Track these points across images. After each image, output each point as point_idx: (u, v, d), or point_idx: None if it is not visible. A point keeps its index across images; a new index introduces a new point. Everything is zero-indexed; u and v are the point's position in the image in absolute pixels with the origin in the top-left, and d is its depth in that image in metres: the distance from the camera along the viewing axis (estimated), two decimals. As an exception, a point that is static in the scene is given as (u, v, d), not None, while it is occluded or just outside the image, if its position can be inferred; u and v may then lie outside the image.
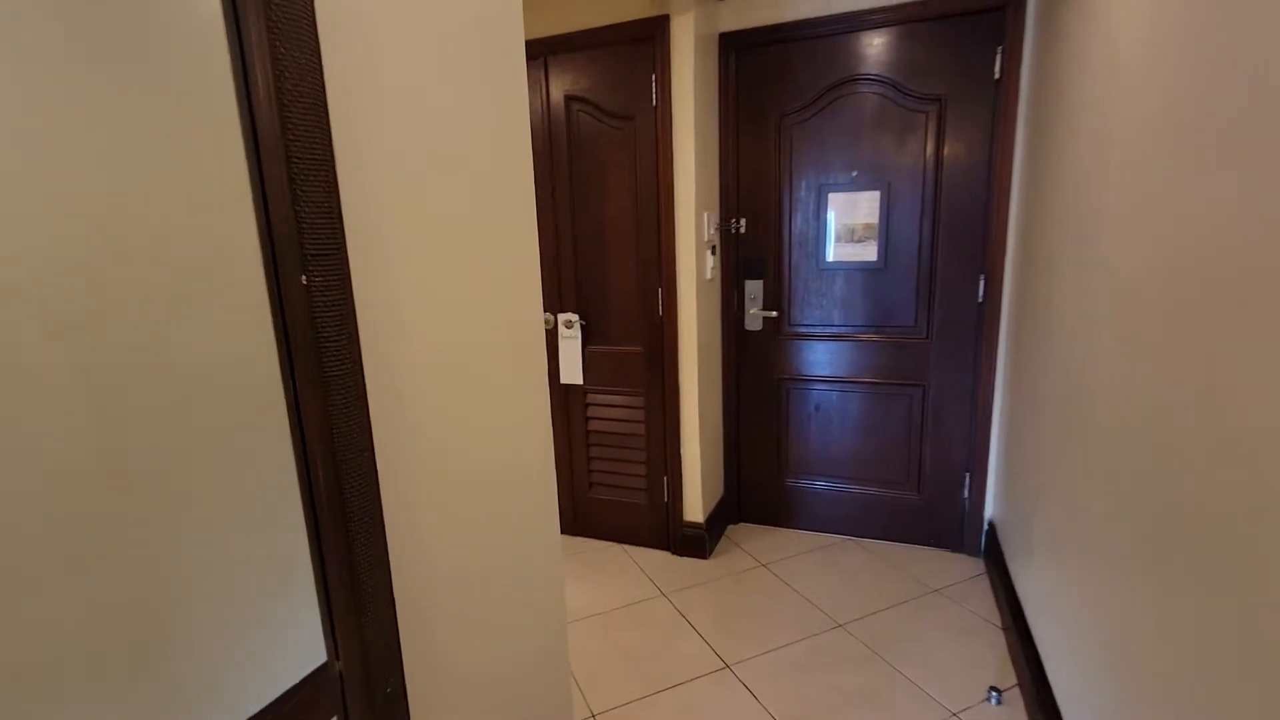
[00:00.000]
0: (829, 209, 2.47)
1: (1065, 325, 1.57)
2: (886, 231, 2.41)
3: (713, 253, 2.52)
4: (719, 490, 2.79)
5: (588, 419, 2.66)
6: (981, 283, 2.33)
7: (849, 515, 2.69)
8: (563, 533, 2.83)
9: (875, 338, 2.51)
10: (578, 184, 2.47)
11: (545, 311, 2.61)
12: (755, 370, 2.72)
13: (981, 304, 2.34)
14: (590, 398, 2.64)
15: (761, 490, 2.82)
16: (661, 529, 2.64)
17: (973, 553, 2.52)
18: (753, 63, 2.47)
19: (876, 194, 2.39)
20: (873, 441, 2.60)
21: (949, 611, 2.17)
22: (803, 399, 2.67)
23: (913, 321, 2.45)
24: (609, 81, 2.34)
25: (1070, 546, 1.46)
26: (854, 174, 2.41)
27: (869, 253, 2.45)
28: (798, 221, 2.53)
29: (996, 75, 2.17)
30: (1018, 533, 2.03)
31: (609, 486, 2.70)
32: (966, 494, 2.50)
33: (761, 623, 2.15)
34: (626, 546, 2.71)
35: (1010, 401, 2.21)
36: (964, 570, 2.43)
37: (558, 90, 2.41)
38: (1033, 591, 1.79)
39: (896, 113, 2.32)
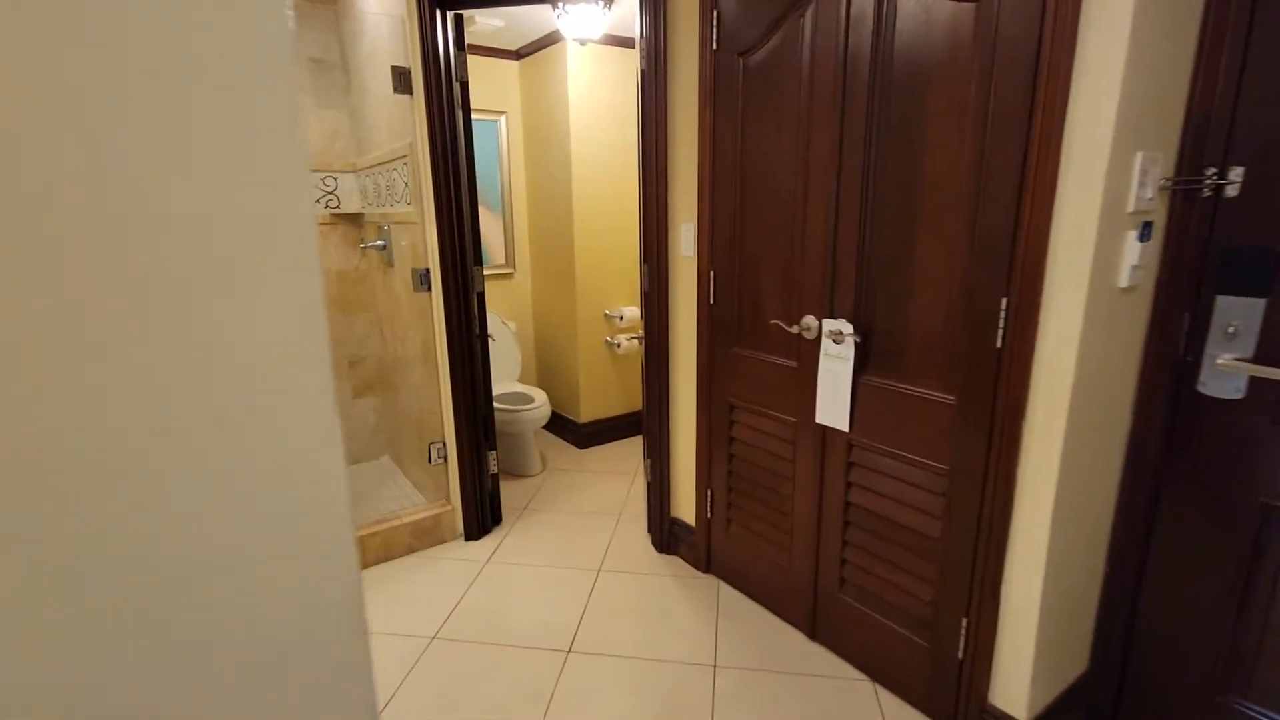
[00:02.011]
0: None
1: None
2: None
3: (1141, 237, 1.27)
4: (1076, 665, 1.56)
5: (849, 484, 1.72)
6: None
7: None
8: (797, 629, 1.98)
9: None
10: (880, 118, 1.49)
11: (808, 314, 1.74)
12: (1206, 473, 1.37)
13: None
14: (857, 455, 1.69)
15: (1175, 697, 1.47)
16: (947, 694, 1.58)
17: None
18: None
19: None
20: None
21: None
22: (1328, 561, 1.24)
23: None
24: (960, -86, 1.28)
25: None
26: None
27: None
28: (1406, 172, 1.09)
29: None
30: None
31: (870, 594, 1.74)
32: None
33: None
34: (881, 690, 1.73)
35: None
36: None
37: (868, -46, 1.46)
38: None
39: None
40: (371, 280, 3.07)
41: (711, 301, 2.05)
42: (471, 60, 3.27)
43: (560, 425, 3.68)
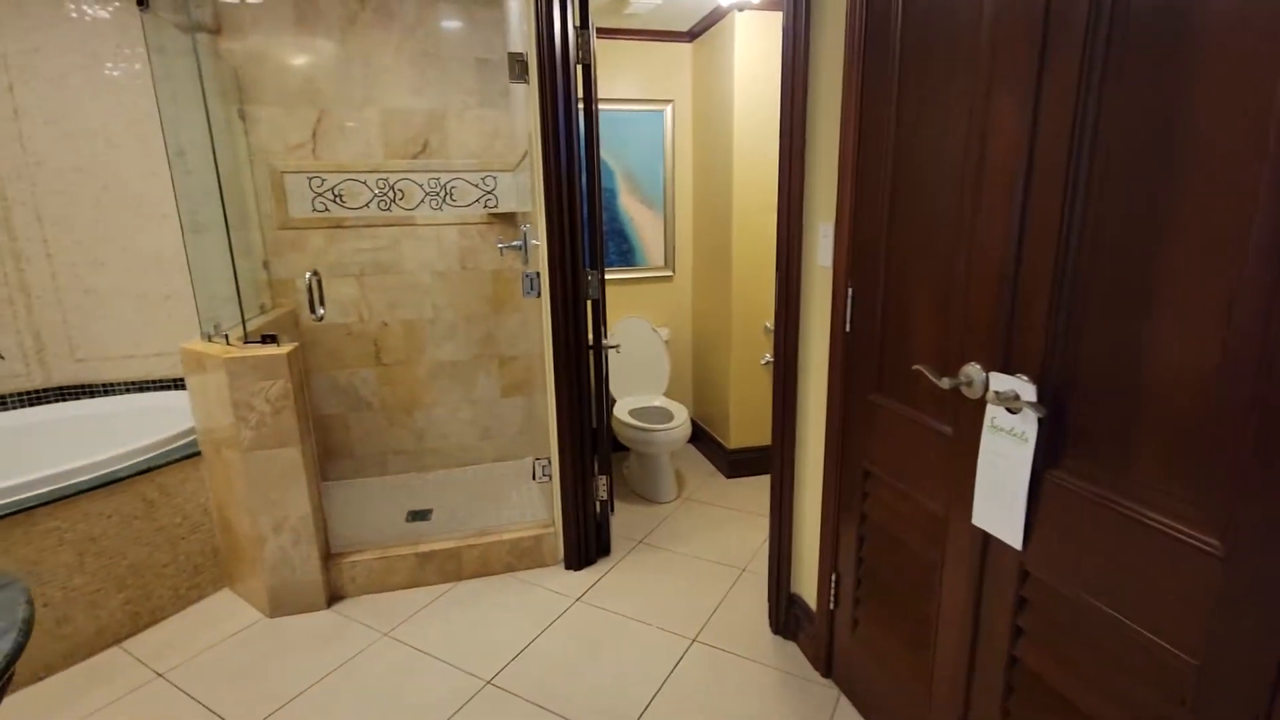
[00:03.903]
0: None
1: None
2: None
3: None
4: None
5: (1017, 630, 1.10)
6: None
7: None
8: (932, 802, 1.38)
9: None
10: (1108, 48, 0.87)
11: (971, 362, 1.15)
12: None
13: None
14: (1033, 590, 1.07)
15: None
16: None
17: None
18: None
19: None
20: None
21: None
22: None
23: None
24: None
25: None
26: None
27: None
28: None
29: None
30: None
31: (1042, 808, 1.10)
32: None
33: None
34: None
35: None
36: None
37: None
38: None
39: None
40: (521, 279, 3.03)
41: (847, 328, 1.53)
42: (637, 46, 3.04)
43: (710, 447, 3.31)
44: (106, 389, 2.68)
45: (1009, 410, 1.05)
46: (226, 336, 2.02)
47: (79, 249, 2.53)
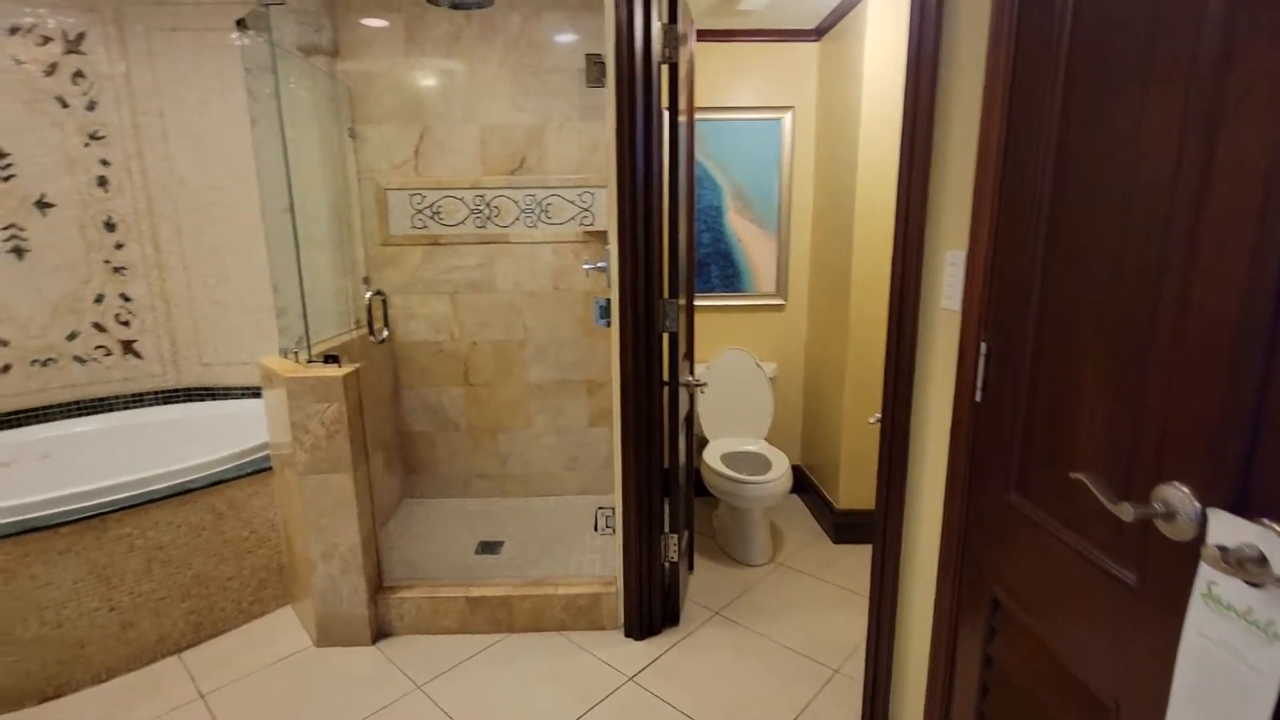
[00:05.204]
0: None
1: None
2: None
3: None
4: None
5: None
6: None
7: None
8: None
9: None
10: None
11: (1170, 482, 0.71)
12: None
13: None
14: None
15: None
16: None
17: None
18: None
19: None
20: None
21: None
22: None
23: None
24: None
25: None
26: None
27: None
28: None
29: None
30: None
31: None
32: None
33: None
34: None
35: None
36: None
37: None
38: None
39: None
40: (615, 304, 2.82)
41: (978, 397, 1.11)
42: (754, 48, 2.73)
43: (817, 502, 2.86)
44: (227, 393, 2.85)
45: (1250, 583, 0.61)
46: (297, 354, 2.00)
47: (209, 262, 2.70)
